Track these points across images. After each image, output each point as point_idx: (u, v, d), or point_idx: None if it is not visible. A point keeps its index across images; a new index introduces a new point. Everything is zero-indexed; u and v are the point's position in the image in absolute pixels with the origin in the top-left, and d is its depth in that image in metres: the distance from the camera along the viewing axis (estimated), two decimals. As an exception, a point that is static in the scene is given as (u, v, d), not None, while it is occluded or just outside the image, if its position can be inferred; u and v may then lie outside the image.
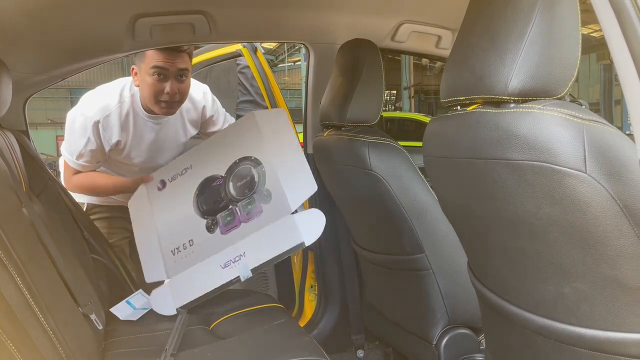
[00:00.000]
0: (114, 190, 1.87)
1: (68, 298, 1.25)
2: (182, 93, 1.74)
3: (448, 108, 1.00)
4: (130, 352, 1.35)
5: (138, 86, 1.76)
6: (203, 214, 1.66)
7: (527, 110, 0.80)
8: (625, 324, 0.79)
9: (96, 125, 1.74)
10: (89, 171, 1.83)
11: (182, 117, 1.90)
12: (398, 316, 1.68)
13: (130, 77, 1.80)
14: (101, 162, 1.85)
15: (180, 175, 1.75)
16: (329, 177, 1.71)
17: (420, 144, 1.10)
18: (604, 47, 0.77)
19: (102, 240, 1.84)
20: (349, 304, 2.01)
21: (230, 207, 1.62)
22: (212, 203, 1.66)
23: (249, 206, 1.60)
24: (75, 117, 1.77)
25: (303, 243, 1.49)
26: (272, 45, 13.78)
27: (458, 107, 0.98)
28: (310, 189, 1.55)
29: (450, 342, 1.48)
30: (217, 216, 1.63)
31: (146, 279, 1.66)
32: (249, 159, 1.64)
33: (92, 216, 1.96)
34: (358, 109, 1.54)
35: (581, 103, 0.86)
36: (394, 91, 15.10)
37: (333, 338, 2.00)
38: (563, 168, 0.75)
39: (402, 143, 1.54)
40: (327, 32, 1.90)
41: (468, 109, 0.93)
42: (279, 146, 1.62)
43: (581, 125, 0.75)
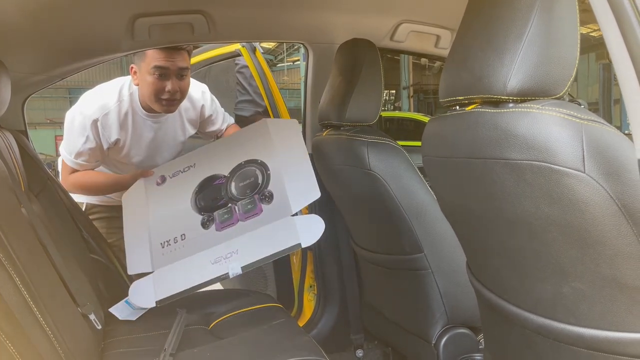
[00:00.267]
0: (113, 187, 1.85)
1: (67, 298, 1.25)
2: (183, 91, 1.75)
3: (447, 108, 1.00)
4: (129, 352, 1.34)
5: (137, 85, 1.76)
6: (200, 210, 1.60)
7: (526, 110, 0.80)
8: (623, 324, 0.79)
9: (95, 123, 1.75)
10: (87, 170, 1.83)
11: (181, 116, 1.91)
12: (397, 316, 1.68)
13: (128, 76, 1.80)
14: (99, 162, 1.84)
15: (182, 172, 1.72)
16: (328, 177, 1.70)
17: (419, 144, 1.10)
18: (603, 47, 0.77)
19: (101, 240, 1.84)
20: (348, 304, 2.01)
21: (229, 206, 1.58)
22: (211, 200, 1.61)
23: (249, 206, 1.55)
24: (74, 116, 1.77)
25: (299, 244, 1.45)
26: (271, 44, 13.79)
27: (457, 107, 0.98)
28: (313, 196, 1.51)
29: (449, 342, 1.48)
30: (214, 213, 1.58)
31: (129, 270, 1.59)
32: (256, 162, 1.61)
33: (91, 216, 1.96)
34: (357, 109, 1.54)
35: (580, 103, 0.86)
36: (393, 91, 15.09)
37: (332, 338, 2.00)
38: (562, 168, 0.75)
39: (401, 143, 1.54)
40: (326, 32, 1.91)
41: (467, 109, 0.93)
42: (288, 153, 1.59)
43: (580, 125, 0.76)
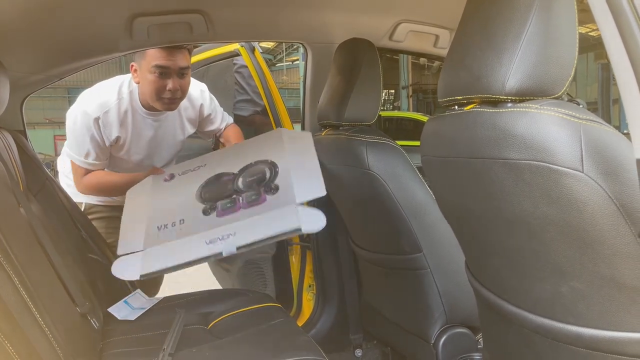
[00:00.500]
0: (129, 185, 1.79)
1: (65, 298, 1.25)
2: (184, 89, 1.76)
3: (446, 107, 1.00)
4: (128, 352, 1.34)
5: (138, 83, 1.76)
6: (204, 201, 1.58)
7: (525, 109, 0.81)
8: (621, 323, 0.79)
9: (96, 121, 1.75)
10: (98, 169, 1.82)
11: (180, 115, 1.91)
12: (396, 315, 1.68)
13: (128, 75, 1.81)
14: (107, 161, 1.84)
15: (192, 171, 1.73)
16: (327, 177, 1.70)
17: (418, 144, 1.10)
18: (602, 47, 0.77)
19: (100, 240, 1.84)
20: (347, 304, 2.01)
21: (233, 197, 1.55)
22: (216, 192, 1.59)
23: (253, 197, 1.52)
24: (76, 116, 1.77)
25: (300, 229, 1.38)
26: (270, 44, 13.79)
27: (456, 107, 0.98)
28: (319, 192, 1.47)
29: (448, 341, 1.48)
30: (217, 202, 1.55)
31: (118, 251, 1.52)
32: (266, 162, 1.60)
33: (90, 216, 1.95)
34: (356, 109, 1.54)
35: (578, 102, 0.86)
36: (392, 90, 15.09)
37: (331, 337, 2.00)
38: (560, 167, 0.75)
39: (400, 142, 1.54)
40: (325, 32, 1.91)
41: (465, 109, 0.93)
42: (299, 157, 1.58)
43: (578, 124, 0.76)
